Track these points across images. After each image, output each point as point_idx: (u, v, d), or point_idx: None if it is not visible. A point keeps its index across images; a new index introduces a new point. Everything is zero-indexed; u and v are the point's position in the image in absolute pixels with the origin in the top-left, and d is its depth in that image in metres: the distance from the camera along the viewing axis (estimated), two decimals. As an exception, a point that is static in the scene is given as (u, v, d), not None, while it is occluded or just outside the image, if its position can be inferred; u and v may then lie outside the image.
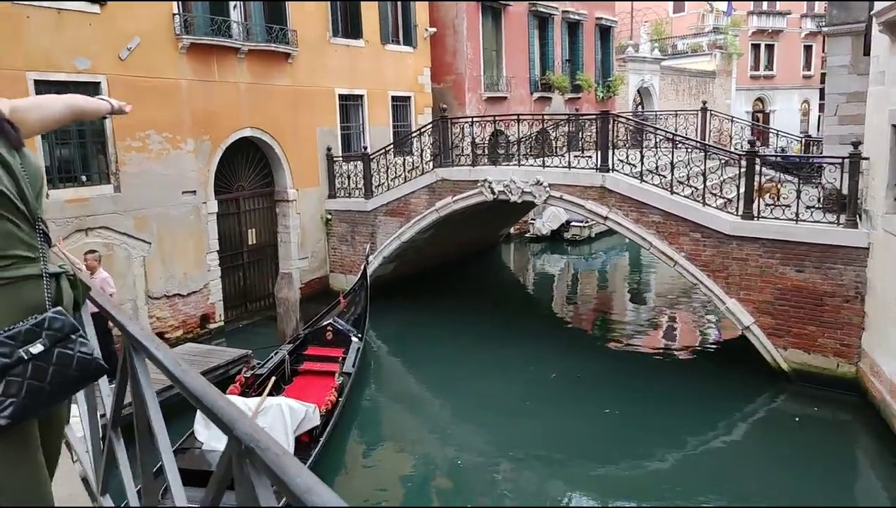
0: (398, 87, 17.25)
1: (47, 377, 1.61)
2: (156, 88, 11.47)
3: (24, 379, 1.58)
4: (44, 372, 1.61)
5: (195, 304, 12.50)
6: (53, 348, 1.63)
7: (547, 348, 12.20)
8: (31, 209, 1.68)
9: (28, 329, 1.61)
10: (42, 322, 1.63)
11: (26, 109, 1.91)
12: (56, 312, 1.67)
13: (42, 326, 1.63)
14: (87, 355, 1.68)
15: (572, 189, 11.97)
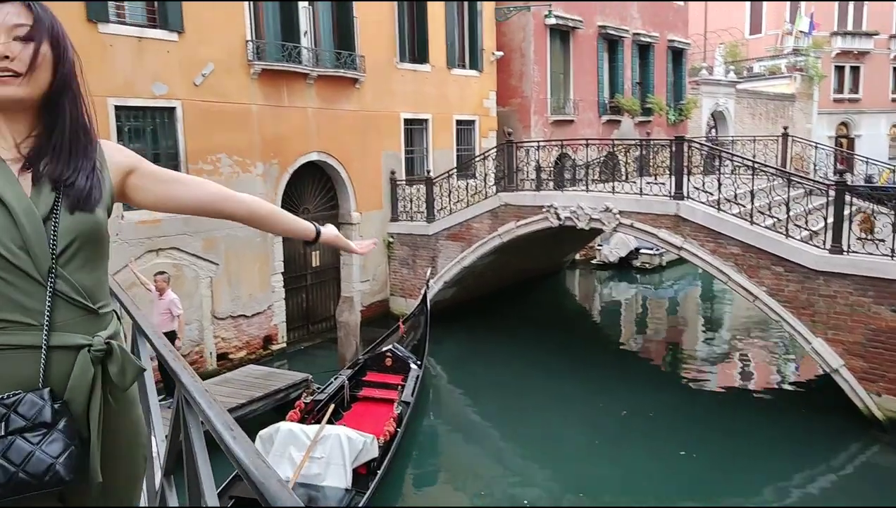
0: (463, 110, 17.17)
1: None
2: (227, 113, 11.68)
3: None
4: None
5: (259, 325, 12.59)
6: (9, 435, 1.35)
7: (615, 381, 11.72)
8: (38, 266, 1.40)
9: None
10: (13, 402, 1.36)
11: (162, 179, 1.70)
12: (38, 394, 1.37)
13: (11, 406, 1.36)
14: (47, 458, 1.35)
15: (644, 217, 11.53)
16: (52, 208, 1.44)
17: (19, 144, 1.49)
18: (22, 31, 1.43)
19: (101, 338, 1.46)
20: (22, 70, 1.42)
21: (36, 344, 1.40)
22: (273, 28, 12.70)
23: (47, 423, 1.37)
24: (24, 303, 1.40)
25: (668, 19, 24.53)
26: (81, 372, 1.43)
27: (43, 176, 1.47)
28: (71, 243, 1.45)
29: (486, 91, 17.86)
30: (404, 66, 15.37)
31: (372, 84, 14.42)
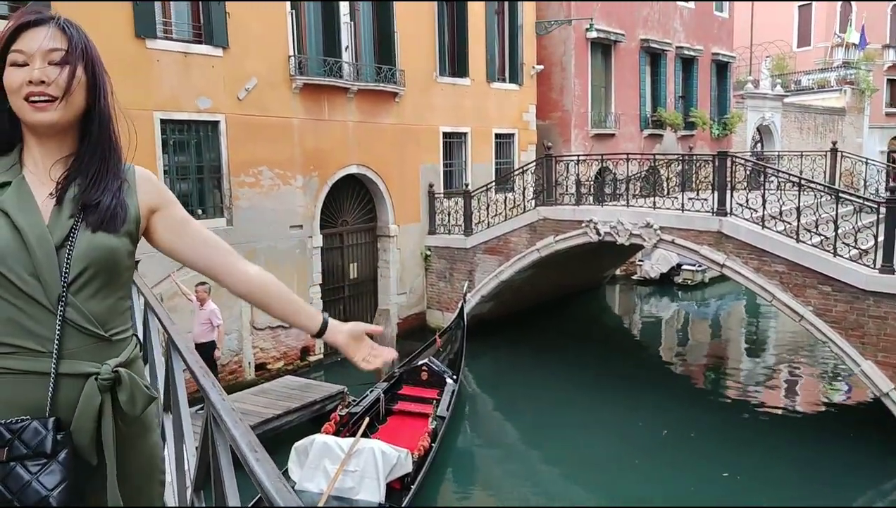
0: (502, 124, 17.15)
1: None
2: (269, 127, 11.86)
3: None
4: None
5: (296, 336, 12.69)
6: (10, 462, 1.35)
7: (655, 399, 11.48)
8: (48, 294, 1.39)
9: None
10: (17, 428, 1.37)
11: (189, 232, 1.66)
12: (42, 423, 1.38)
13: (14, 431, 1.37)
14: (42, 489, 1.35)
15: (685, 233, 11.31)
16: (68, 235, 1.44)
17: (50, 168, 1.50)
18: (57, 56, 1.44)
19: (108, 366, 1.45)
20: (58, 94, 1.43)
21: (45, 370, 1.40)
22: (315, 43, 12.89)
23: (47, 454, 1.37)
24: (35, 330, 1.41)
25: (713, 32, 24.18)
26: (88, 400, 1.43)
27: (67, 199, 1.47)
28: (84, 271, 1.44)
29: (525, 105, 17.81)
30: (444, 79, 15.43)
31: (411, 98, 14.50)
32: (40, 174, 1.50)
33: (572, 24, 18.29)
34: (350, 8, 13.26)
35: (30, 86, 1.42)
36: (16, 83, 1.42)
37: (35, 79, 1.41)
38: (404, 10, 14.19)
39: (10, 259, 1.39)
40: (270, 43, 11.82)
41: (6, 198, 1.44)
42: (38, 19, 1.45)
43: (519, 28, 17.35)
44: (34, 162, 1.50)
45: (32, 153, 1.51)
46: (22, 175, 1.48)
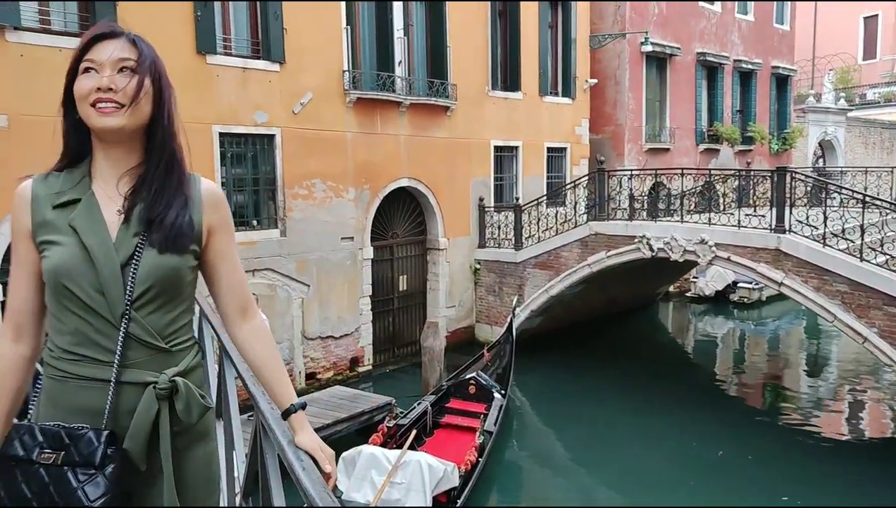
0: (554, 138, 17.06)
1: (35, 493, 1.43)
2: (323, 140, 12.08)
3: (22, 480, 1.43)
4: (40, 486, 1.43)
5: (346, 346, 12.82)
6: (62, 466, 1.43)
7: (709, 419, 11.17)
8: (112, 310, 1.46)
9: (57, 433, 1.46)
10: (76, 435, 1.44)
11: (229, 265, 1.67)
12: (97, 435, 1.44)
13: (73, 438, 1.44)
14: (84, 499, 1.41)
15: (742, 250, 11.02)
16: (133, 253, 1.50)
17: (117, 182, 1.56)
18: (127, 65, 1.50)
19: (166, 376, 1.51)
20: (125, 102, 1.48)
21: (107, 378, 1.48)
22: (369, 58, 13.09)
23: (95, 466, 1.43)
24: (99, 341, 1.48)
25: (773, 45, 23.62)
26: (146, 408, 1.49)
27: (133, 216, 1.52)
28: (148, 290, 1.50)
29: (578, 118, 17.70)
30: (496, 93, 15.46)
31: (463, 112, 14.57)
32: (108, 188, 1.55)
33: (627, 37, 18.13)
34: (404, 23, 13.44)
35: (98, 92, 1.47)
36: (85, 90, 1.48)
37: (104, 86, 1.47)
38: (457, 25, 14.31)
39: (77, 276, 1.47)
40: (325, 58, 12.05)
41: (76, 216, 1.50)
42: (110, 32, 1.52)
43: (572, 42, 17.28)
44: (102, 176, 1.56)
45: (100, 166, 1.56)
46: (91, 191, 1.54)
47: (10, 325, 1.55)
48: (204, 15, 10.25)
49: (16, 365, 1.54)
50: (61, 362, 1.50)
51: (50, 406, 1.51)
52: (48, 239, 1.50)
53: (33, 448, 1.44)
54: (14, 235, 1.55)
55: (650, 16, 18.81)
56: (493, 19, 15.33)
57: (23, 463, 1.43)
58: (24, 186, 1.55)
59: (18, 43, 8.49)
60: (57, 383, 1.50)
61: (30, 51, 8.59)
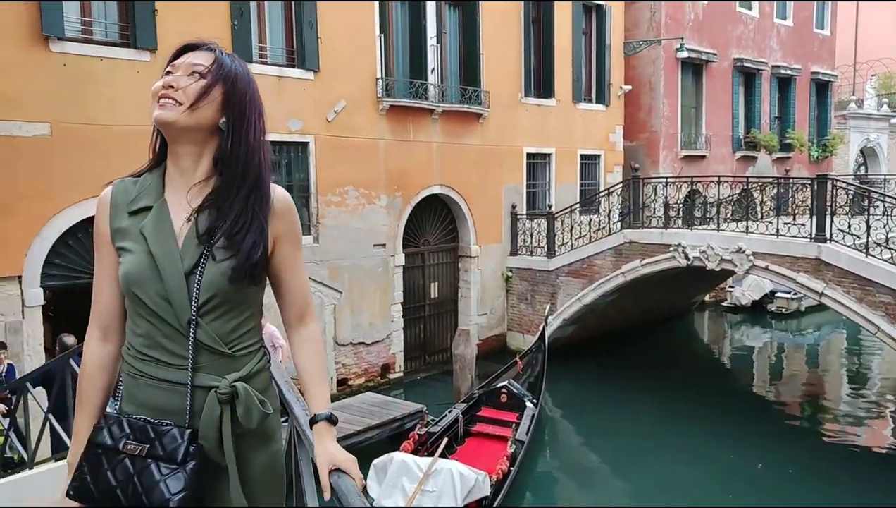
0: (588, 145, 16.93)
1: (120, 481, 1.49)
2: (356, 147, 12.15)
3: (108, 468, 1.50)
4: (125, 475, 1.49)
5: (377, 353, 12.85)
6: (147, 458, 1.49)
7: (747, 432, 10.92)
8: (178, 317, 1.51)
9: (143, 427, 1.51)
10: (161, 431, 1.50)
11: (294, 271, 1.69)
12: (180, 432, 1.50)
13: (158, 433, 1.50)
14: (166, 492, 1.46)
15: (780, 259, 10.79)
16: (197, 263, 1.53)
17: (187, 192, 1.58)
18: (198, 69, 1.54)
19: (227, 381, 1.54)
20: (183, 101, 1.52)
21: (178, 380, 1.53)
22: (402, 65, 13.15)
23: (177, 461, 1.48)
24: (167, 345, 1.54)
25: (813, 50, 23.17)
26: (209, 411, 1.53)
27: (200, 227, 1.55)
28: (211, 298, 1.53)
29: (612, 125, 17.55)
30: (529, 100, 15.40)
31: (496, 119, 14.55)
32: (179, 197, 1.58)
33: (662, 43, 17.94)
34: (437, 31, 13.48)
35: (162, 89, 1.53)
36: (155, 87, 1.55)
37: (166, 83, 1.53)
38: (491, 32, 14.30)
39: (144, 284, 1.52)
40: (359, 66, 12.13)
41: (147, 224, 1.55)
42: (197, 44, 1.57)
43: (606, 48, 17.16)
44: (174, 184, 1.60)
45: (172, 176, 1.60)
46: (163, 199, 1.58)
47: (97, 325, 1.62)
48: (240, 24, 10.41)
49: (105, 363, 1.63)
50: (136, 361, 1.56)
51: (128, 401, 1.58)
52: (123, 246, 1.56)
53: (120, 439, 1.51)
54: (97, 239, 1.61)
55: (686, 22, 18.60)
56: (527, 26, 15.29)
57: (109, 452, 1.50)
58: (106, 192, 1.61)
59: (62, 53, 8.70)
60: (132, 380, 1.57)
61: (72, 60, 8.80)
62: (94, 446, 1.52)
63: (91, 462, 1.51)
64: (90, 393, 1.62)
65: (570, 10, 16.13)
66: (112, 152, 9.00)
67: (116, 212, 1.57)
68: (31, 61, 8.46)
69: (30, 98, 8.46)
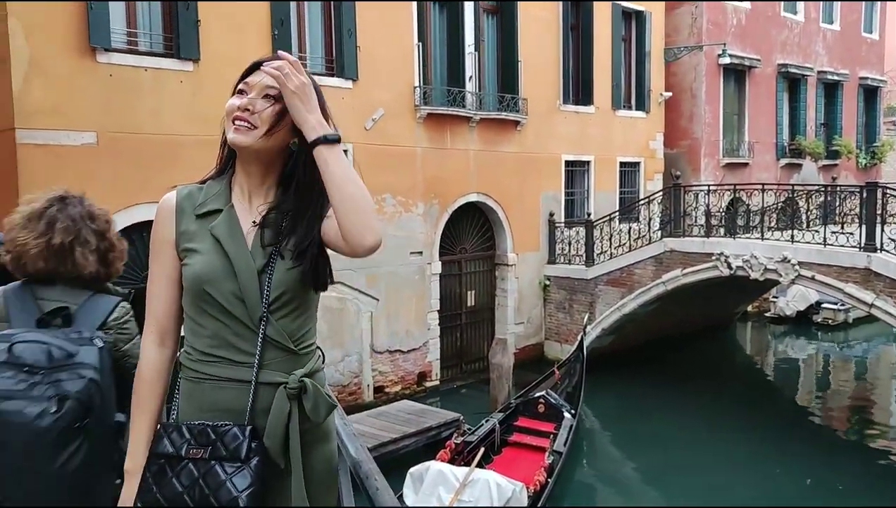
0: (627, 152, 16.72)
1: (186, 486, 1.51)
2: (394, 155, 12.17)
3: (172, 475, 1.52)
4: (190, 479, 1.51)
5: (414, 361, 12.83)
6: (210, 460, 1.50)
7: (792, 445, 10.63)
8: (251, 315, 1.55)
9: (203, 430, 1.53)
10: (221, 432, 1.52)
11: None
12: (241, 430, 1.52)
13: (219, 434, 1.52)
14: (233, 490, 1.48)
15: (827, 269, 10.49)
16: (267, 262, 1.58)
17: (252, 197, 1.64)
18: (272, 92, 1.55)
19: (296, 377, 1.57)
20: (258, 124, 1.55)
21: (244, 378, 1.56)
22: (440, 73, 13.18)
23: (241, 459, 1.50)
24: (235, 343, 1.57)
25: (861, 55, 22.57)
26: (279, 407, 1.55)
27: (267, 229, 1.61)
28: (281, 296, 1.58)
29: (652, 132, 17.32)
30: (567, 107, 15.28)
31: (533, 126, 14.46)
32: (245, 202, 1.64)
33: (703, 49, 17.65)
34: (475, 38, 13.46)
35: (238, 111, 1.56)
36: (230, 107, 1.58)
37: (242, 105, 1.55)
38: (529, 40, 14.23)
39: (218, 282, 1.56)
40: (397, 74, 12.18)
41: (217, 225, 1.60)
42: (272, 60, 1.57)
43: (646, 55, 16.96)
44: (241, 190, 1.65)
45: (240, 182, 1.65)
46: (231, 203, 1.63)
47: (154, 330, 1.64)
48: (281, 33, 10.53)
49: (163, 369, 1.65)
50: (199, 364, 1.59)
51: (188, 406, 1.60)
52: (191, 247, 1.59)
53: (182, 445, 1.53)
54: (157, 243, 1.64)
55: (728, 27, 18.28)
56: (566, 33, 15.18)
57: (172, 460, 1.53)
58: (169, 197, 1.65)
59: (108, 63, 8.90)
60: (194, 384, 1.60)
61: (118, 71, 9.00)
62: (155, 456, 1.54)
63: (154, 471, 1.53)
64: (148, 399, 1.63)
65: (609, 16, 15.98)
66: (155, 161, 9.18)
67: (182, 216, 1.62)
68: (78, 72, 8.67)
69: (77, 108, 8.67)
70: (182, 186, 1.67)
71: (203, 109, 9.67)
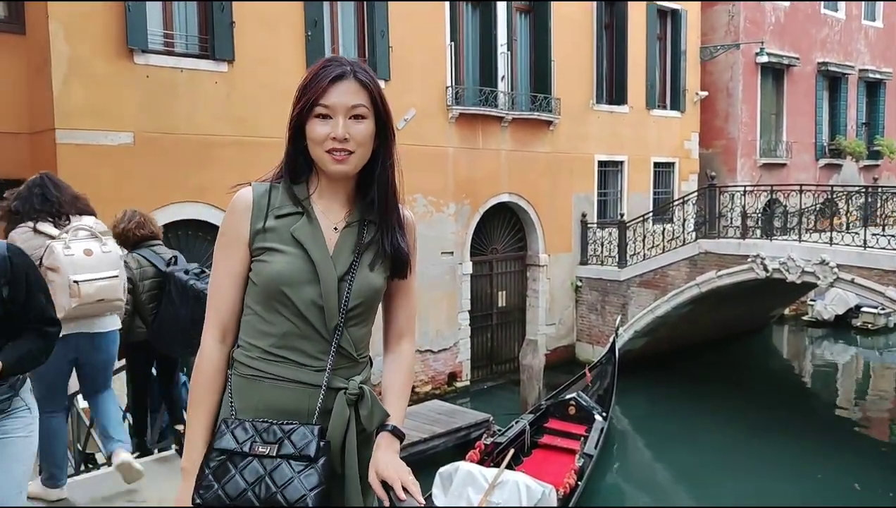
0: (661, 152, 16.50)
1: (251, 483, 1.49)
2: (426, 155, 12.16)
3: (235, 472, 1.50)
4: (255, 476, 1.49)
5: (444, 361, 12.83)
6: (278, 457, 1.49)
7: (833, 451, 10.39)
8: (327, 322, 1.55)
9: (270, 427, 1.52)
10: (290, 430, 1.51)
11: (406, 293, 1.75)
12: (310, 429, 1.51)
13: (287, 433, 1.51)
14: (302, 488, 1.47)
15: (868, 272, 10.24)
16: (348, 270, 1.59)
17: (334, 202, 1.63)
18: (358, 112, 1.55)
19: (355, 383, 1.59)
20: (354, 149, 1.55)
21: (309, 382, 1.56)
22: (472, 73, 13.15)
23: (310, 457, 1.49)
24: (303, 347, 1.57)
25: (904, 52, 21.97)
26: (339, 412, 1.56)
27: (349, 235, 1.62)
28: (358, 305, 1.59)
29: (687, 132, 17.06)
30: (601, 107, 15.13)
31: (566, 126, 14.35)
32: (325, 208, 1.63)
33: (740, 48, 17.34)
34: (507, 38, 13.41)
35: (333, 142, 1.53)
36: (320, 136, 1.54)
37: (339, 136, 1.53)
38: (562, 39, 14.12)
39: (298, 285, 1.54)
40: (429, 74, 12.18)
41: (299, 228, 1.58)
42: (341, 74, 1.55)
43: (682, 53, 16.72)
44: (321, 194, 1.63)
45: (321, 188, 1.64)
46: (311, 208, 1.62)
47: (217, 326, 1.62)
48: (314, 34, 10.61)
49: (222, 366, 1.62)
50: (260, 362, 1.56)
51: (241, 403, 1.57)
52: (269, 246, 1.57)
53: (246, 441, 1.51)
54: (227, 239, 1.61)
55: (766, 25, 17.93)
56: (599, 32, 15.04)
57: (235, 456, 1.50)
58: (244, 193, 1.62)
59: (145, 64, 9.06)
60: (249, 381, 1.57)
61: (154, 72, 9.15)
62: (217, 451, 1.52)
63: (215, 467, 1.51)
64: (207, 396, 1.60)
65: (644, 14, 15.79)
66: (190, 161, 9.32)
67: (259, 214, 1.59)
68: (116, 73, 8.84)
69: (115, 108, 8.84)
70: (257, 183, 1.64)
71: (237, 110, 9.80)
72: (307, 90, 1.55)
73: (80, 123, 8.60)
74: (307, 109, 1.54)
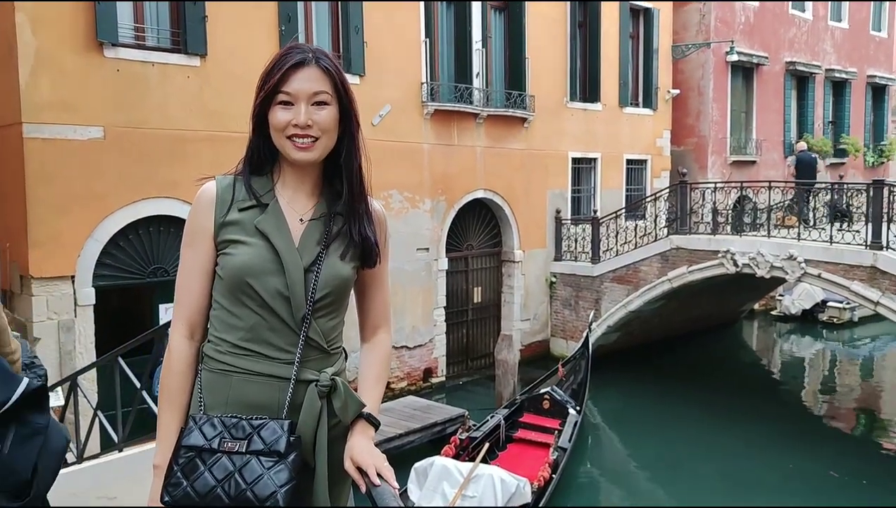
0: (634, 150, 16.68)
1: (220, 480, 1.45)
2: (400, 151, 12.17)
3: (204, 469, 1.46)
4: (224, 473, 1.45)
5: (420, 357, 12.85)
6: (248, 453, 1.46)
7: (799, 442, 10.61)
8: (294, 313, 1.53)
9: (238, 423, 1.49)
10: (257, 425, 1.48)
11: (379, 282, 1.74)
12: (280, 424, 1.48)
13: (255, 427, 1.48)
14: (272, 484, 1.44)
15: (834, 267, 10.45)
16: (315, 260, 1.57)
17: (299, 193, 1.62)
18: (320, 98, 1.54)
19: (327, 374, 1.57)
20: (319, 135, 1.54)
21: (278, 375, 1.54)
22: (447, 70, 13.17)
23: (280, 453, 1.46)
24: (272, 340, 1.55)
25: (869, 53, 22.46)
26: (310, 405, 1.54)
27: (315, 226, 1.60)
28: (326, 295, 1.57)
29: (659, 130, 17.27)
30: (574, 104, 15.25)
31: (540, 123, 14.44)
32: (290, 199, 1.61)
33: (711, 47, 17.59)
34: (482, 35, 13.45)
35: (295, 128, 1.52)
36: (282, 123, 1.52)
37: (301, 122, 1.51)
38: (536, 37, 14.20)
39: (263, 276, 1.53)
40: (404, 71, 12.17)
41: (264, 219, 1.56)
42: (302, 60, 1.53)
43: (654, 52, 16.91)
44: (285, 185, 1.62)
45: (286, 178, 1.62)
46: (276, 199, 1.60)
47: (184, 322, 1.60)
48: (287, 29, 10.54)
49: (192, 362, 1.60)
50: (229, 356, 1.55)
51: (211, 399, 1.55)
52: (233, 238, 1.55)
53: (214, 438, 1.48)
54: (193, 233, 1.60)
55: (736, 24, 18.21)
56: (573, 30, 15.15)
57: (204, 453, 1.47)
58: (209, 187, 1.60)
59: (115, 58, 8.93)
60: (219, 376, 1.55)
61: (125, 66, 9.02)
62: (185, 448, 1.48)
63: (184, 464, 1.47)
64: (178, 393, 1.58)
65: (617, 13, 15.93)
66: (162, 156, 9.21)
67: (223, 206, 1.57)
68: (85, 67, 8.70)
69: (84, 102, 8.70)
70: (221, 177, 1.62)
71: (210, 104, 9.70)
72: (269, 78, 1.53)
73: (48, 116, 8.45)
74: (269, 97, 1.53)
